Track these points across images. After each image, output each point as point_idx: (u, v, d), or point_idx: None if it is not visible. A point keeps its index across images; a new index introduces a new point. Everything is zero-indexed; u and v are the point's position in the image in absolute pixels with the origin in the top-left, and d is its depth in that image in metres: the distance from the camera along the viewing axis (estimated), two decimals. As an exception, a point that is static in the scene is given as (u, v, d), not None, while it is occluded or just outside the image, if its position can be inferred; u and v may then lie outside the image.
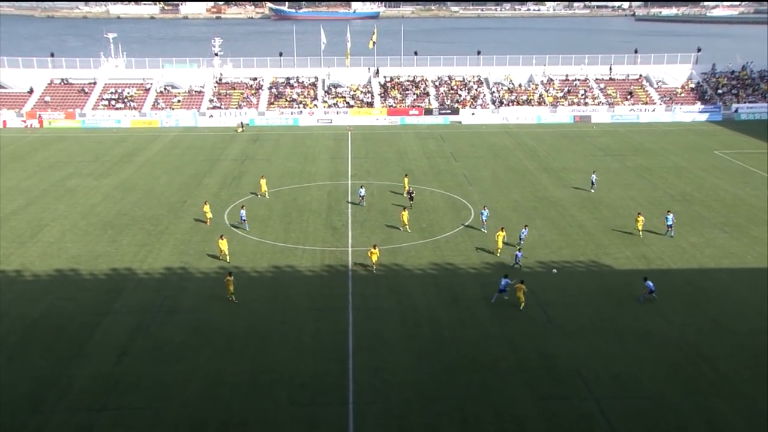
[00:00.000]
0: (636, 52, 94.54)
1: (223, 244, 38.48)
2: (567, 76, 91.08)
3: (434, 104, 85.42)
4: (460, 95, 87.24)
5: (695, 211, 47.43)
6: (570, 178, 56.31)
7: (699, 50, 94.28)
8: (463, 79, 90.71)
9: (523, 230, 40.92)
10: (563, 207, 48.49)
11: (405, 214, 43.12)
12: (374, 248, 37.47)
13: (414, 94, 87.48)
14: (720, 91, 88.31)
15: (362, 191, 49.16)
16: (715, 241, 41.42)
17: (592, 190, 52.13)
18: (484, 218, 43.12)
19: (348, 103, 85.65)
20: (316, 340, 30.07)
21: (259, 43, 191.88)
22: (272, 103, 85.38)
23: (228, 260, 38.23)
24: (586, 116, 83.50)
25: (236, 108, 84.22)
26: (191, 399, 25.90)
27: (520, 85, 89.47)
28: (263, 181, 51.67)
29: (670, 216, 42.37)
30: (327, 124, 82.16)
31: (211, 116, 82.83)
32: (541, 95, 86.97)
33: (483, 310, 32.88)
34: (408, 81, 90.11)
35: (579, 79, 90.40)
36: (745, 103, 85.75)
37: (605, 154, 65.73)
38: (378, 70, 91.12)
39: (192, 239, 42.39)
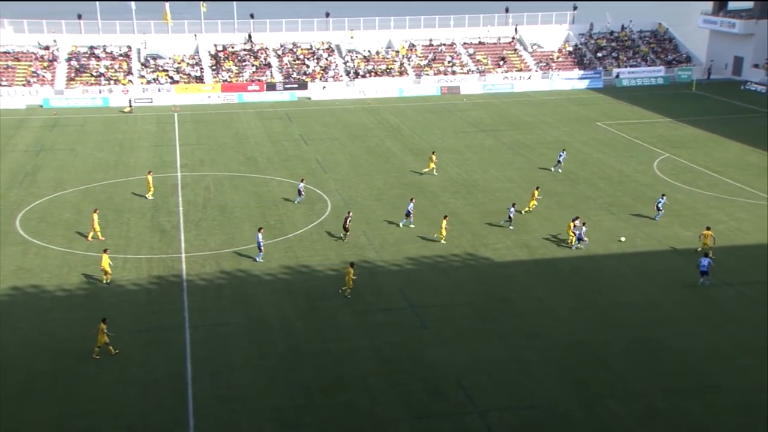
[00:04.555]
0: (507, 11, 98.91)
1: (105, 261, 35.94)
2: (431, 41, 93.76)
3: (278, 77, 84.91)
4: (308, 66, 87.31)
5: (579, 191, 50.51)
6: (439, 160, 57.91)
7: (575, 8, 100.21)
8: (311, 46, 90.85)
9: (410, 203, 43.99)
10: (433, 193, 49.92)
11: (445, 222, 41.72)
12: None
13: (253, 65, 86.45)
14: (599, 55, 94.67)
15: (301, 185, 48.04)
16: (602, 224, 44.37)
17: (553, 169, 55.01)
18: (511, 213, 43.65)
19: (171, 78, 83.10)
20: (145, 369, 29.03)
21: None
22: (73, 79, 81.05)
23: (108, 280, 36.10)
24: (455, 87, 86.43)
25: (24, 85, 79.14)
26: (-21, 460, 24.11)
27: (377, 53, 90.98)
28: (150, 178, 48.75)
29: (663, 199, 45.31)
30: (146, 105, 79.18)
31: (-10, 96, 77.27)
32: (402, 64, 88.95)
33: (347, 319, 33.20)
34: (245, 50, 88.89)
35: (445, 44, 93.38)
36: (626, 67, 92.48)
37: (478, 129, 68.41)
38: (250, 36, 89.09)
39: (-29, 255, 39.39)
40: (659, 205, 44.93)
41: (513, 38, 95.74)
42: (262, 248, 39.02)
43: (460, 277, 37.62)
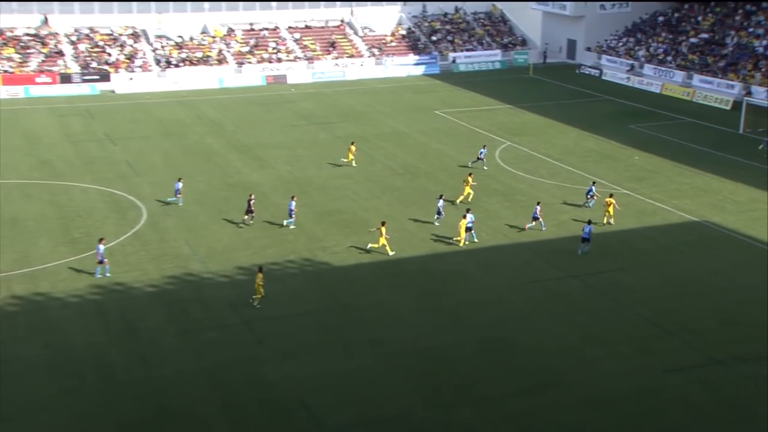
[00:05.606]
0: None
1: None
2: (252, 25, 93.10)
3: (73, 67, 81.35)
4: (109, 55, 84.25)
5: (420, 186, 51.88)
6: (268, 157, 57.84)
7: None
8: (112, 32, 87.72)
9: (291, 201, 44.65)
10: (263, 193, 49.63)
11: (384, 230, 40.56)
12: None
13: (41, 53, 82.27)
14: (434, 38, 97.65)
15: (179, 185, 47.21)
16: (446, 219, 45.75)
17: (471, 164, 55.33)
18: (440, 207, 45.03)
19: (-65, 68, 77.57)
20: (-76, 421, 26.94)
21: None
22: None
23: None
24: (281, 76, 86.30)
25: None
26: None
27: (191, 39, 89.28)
28: None
29: (593, 187, 47.88)
30: None
31: None
32: (221, 51, 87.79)
33: (171, 340, 32.44)
34: (28, 35, 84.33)
35: (267, 29, 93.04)
36: (462, 51, 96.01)
37: (309, 122, 68.69)
38: (47, 18, 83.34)
39: None
40: (589, 194, 47.72)
41: (342, 21, 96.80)
42: (104, 261, 37.59)
43: (297, 284, 37.63)
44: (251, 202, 44.63)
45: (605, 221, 44.99)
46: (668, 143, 62.67)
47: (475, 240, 42.42)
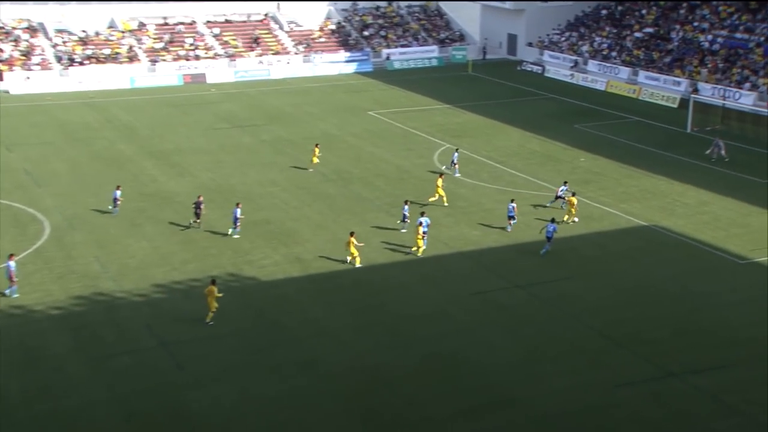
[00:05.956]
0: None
1: None
2: (165, 19, 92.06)
3: (-41, 66, 79.54)
4: (1, 50, 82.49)
5: (354, 192, 51.82)
6: (187, 163, 57.18)
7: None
8: (3, 24, 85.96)
9: (236, 208, 44.09)
10: (182, 204, 48.96)
11: (354, 240, 40.50)
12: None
13: None
14: (366, 34, 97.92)
15: (117, 193, 46.90)
16: (382, 229, 45.79)
17: (445, 168, 55.28)
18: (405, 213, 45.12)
19: None
20: None
21: None
22: None
23: None
24: (200, 75, 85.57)
25: None
26: None
27: (97, 34, 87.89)
28: None
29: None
30: None
31: None
32: (131, 48, 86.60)
33: (79, 368, 31.69)
34: None
35: (183, 23, 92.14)
36: (396, 47, 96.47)
37: (232, 125, 68.21)
38: None
39: None
40: (560, 194, 48.51)
41: (266, 15, 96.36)
42: (14, 279, 36.71)
43: (221, 302, 36.94)
44: (201, 205, 44.95)
45: (565, 219, 46.02)
46: (615, 143, 63.85)
47: (423, 248, 42.45)
